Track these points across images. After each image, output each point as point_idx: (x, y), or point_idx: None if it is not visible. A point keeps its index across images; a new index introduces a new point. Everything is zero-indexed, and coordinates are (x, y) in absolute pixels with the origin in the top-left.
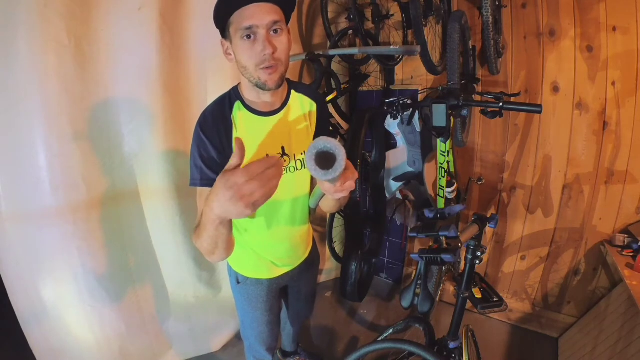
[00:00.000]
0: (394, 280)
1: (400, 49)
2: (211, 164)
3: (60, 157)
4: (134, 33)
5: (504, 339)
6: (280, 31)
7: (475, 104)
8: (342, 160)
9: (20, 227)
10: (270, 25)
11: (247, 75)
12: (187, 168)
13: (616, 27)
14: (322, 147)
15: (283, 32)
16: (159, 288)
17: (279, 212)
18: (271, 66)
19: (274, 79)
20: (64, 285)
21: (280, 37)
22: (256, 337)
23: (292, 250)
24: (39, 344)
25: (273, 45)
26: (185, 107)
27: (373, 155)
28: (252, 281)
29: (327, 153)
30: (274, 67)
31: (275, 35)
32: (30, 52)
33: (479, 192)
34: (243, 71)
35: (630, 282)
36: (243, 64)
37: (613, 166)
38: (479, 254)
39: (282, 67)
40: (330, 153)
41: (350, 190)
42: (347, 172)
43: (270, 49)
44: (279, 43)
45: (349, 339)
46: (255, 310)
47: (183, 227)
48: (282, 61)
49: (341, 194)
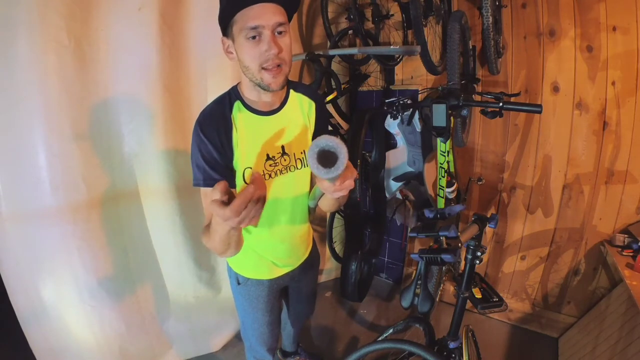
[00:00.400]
0: (394, 280)
1: (400, 49)
2: (213, 164)
3: (60, 157)
4: (134, 33)
5: (504, 339)
6: (284, 33)
7: (475, 104)
8: (343, 158)
9: (20, 227)
10: (275, 26)
11: (249, 75)
12: (187, 168)
13: (616, 27)
14: (324, 146)
15: (286, 34)
16: (159, 288)
17: (279, 211)
18: (277, 65)
19: (278, 82)
20: (64, 285)
21: (284, 38)
22: (257, 337)
23: (293, 250)
24: (39, 344)
25: (278, 46)
26: (185, 107)
27: (373, 155)
28: (252, 282)
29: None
30: (279, 68)
31: (279, 36)
32: (30, 52)
33: (479, 192)
34: (245, 71)
35: (630, 282)
36: (246, 64)
37: (613, 166)
38: (479, 254)
39: (287, 67)
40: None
41: (349, 190)
42: (347, 171)
43: (275, 49)
44: (283, 44)
45: (349, 339)
46: (256, 310)
47: (183, 227)
48: (286, 61)
49: (340, 193)
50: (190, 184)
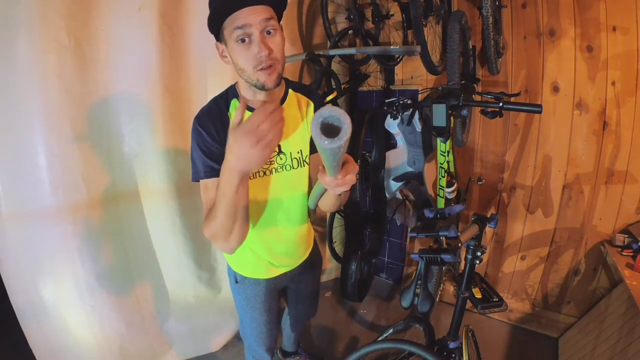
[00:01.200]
0: (394, 280)
1: (400, 49)
2: (212, 155)
3: (60, 157)
4: (134, 33)
5: (504, 339)
6: (274, 31)
7: (475, 104)
8: (347, 128)
9: (20, 227)
10: (263, 24)
11: (245, 76)
12: (187, 168)
13: (616, 27)
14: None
15: (277, 32)
16: (159, 288)
17: (275, 210)
18: (269, 66)
19: (272, 79)
20: (64, 285)
21: (274, 38)
22: (255, 337)
23: (291, 251)
24: (39, 344)
25: (268, 47)
26: (185, 107)
27: (373, 155)
28: (250, 281)
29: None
30: (272, 67)
31: (269, 36)
32: (30, 52)
33: (479, 192)
34: (241, 73)
35: (630, 282)
36: (240, 67)
37: (613, 166)
38: (479, 254)
39: (280, 65)
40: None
41: (351, 185)
42: (348, 165)
43: (265, 51)
44: (273, 44)
45: (349, 339)
46: (254, 310)
47: (183, 227)
48: (278, 60)
49: (342, 188)
50: (190, 184)
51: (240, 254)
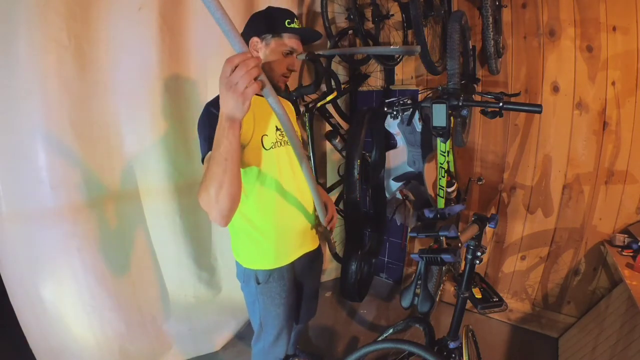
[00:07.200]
0: (394, 280)
1: (400, 49)
2: None
3: (60, 157)
4: (134, 33)
5: (504, 339)
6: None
7: (475, 104)
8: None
9: (20, 227)
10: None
11: (269, 73)
12: (187, 168)
13: (616, 27)
14: None
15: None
16: (159, 288)
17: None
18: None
19: (284, 82)
20: (64, 285)
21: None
22: (275, 336)
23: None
24: (39, 344)
25: (297, 64)
26: (185, 107)
27: (373, 155)
28: (274, 276)
29: None
30: (288, 78)
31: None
32: (30, 52)
33: (479, 192)
34: (268, 70)
35: (630, 282)
36: (273, 67)
37: (613, 166)
38: (479, 254)
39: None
40: None
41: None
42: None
43: (295, 68)
44: (297, 64)
45: (349, 339)
46: (278, 306)
47: (183, 227)
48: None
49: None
50: (190, 184)
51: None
